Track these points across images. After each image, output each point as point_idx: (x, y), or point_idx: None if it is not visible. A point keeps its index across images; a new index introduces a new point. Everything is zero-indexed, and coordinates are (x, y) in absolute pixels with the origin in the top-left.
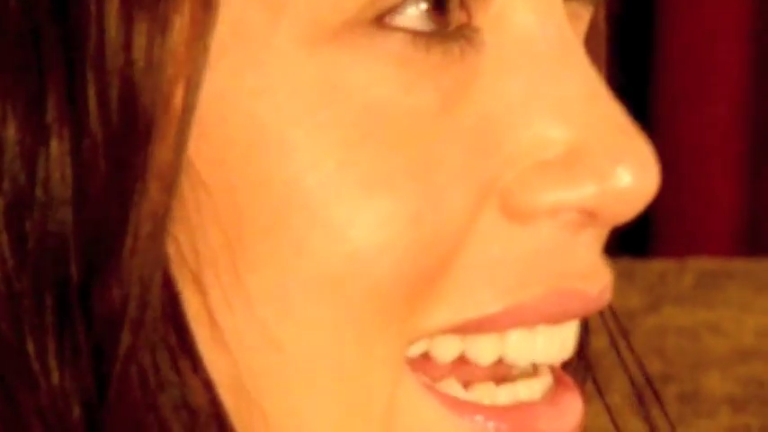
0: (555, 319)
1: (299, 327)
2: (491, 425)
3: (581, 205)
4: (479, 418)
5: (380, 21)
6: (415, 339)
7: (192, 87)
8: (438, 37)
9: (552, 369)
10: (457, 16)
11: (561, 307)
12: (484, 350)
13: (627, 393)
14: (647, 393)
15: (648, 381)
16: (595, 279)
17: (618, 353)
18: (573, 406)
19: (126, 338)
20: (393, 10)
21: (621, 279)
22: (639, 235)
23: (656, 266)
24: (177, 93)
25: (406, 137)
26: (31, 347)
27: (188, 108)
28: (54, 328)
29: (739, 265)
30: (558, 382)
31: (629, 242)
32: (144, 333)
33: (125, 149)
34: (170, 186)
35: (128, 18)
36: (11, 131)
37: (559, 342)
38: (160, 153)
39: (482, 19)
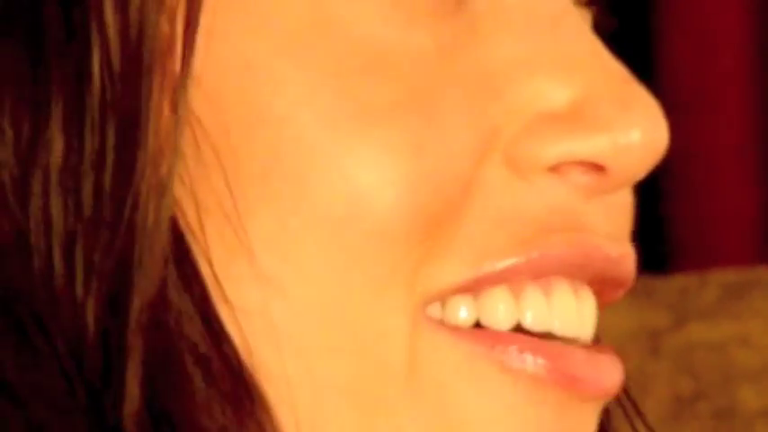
0: (575, 273)
1: (302, 272)
2: (528, 357)
3: (589, 157)
4: (513, 348)
5: None
6: (430, 296)
7: (193, 17)
8: None
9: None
10: None
11: (581, 260)
12: (500, 315)
13: (656, 416)
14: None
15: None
16: (615, 243)
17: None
18: (613, 365)
19: (139, 280)
20: None
21: (643, 298)
22: (658, 252)
23: (677, 282)
24: (177, 23)
25: (404, 74)
26: (39, 291)
27: (189, 38)
28: (64, 268)
29: (763, 273)
30: (596, 348)
31: (647, 260)
32: (154, 276)
33: (128, 83)
34: (176, 120)
35: None
36: (7, 98)
37: (577, 315)
38: (164, 86)
39: None
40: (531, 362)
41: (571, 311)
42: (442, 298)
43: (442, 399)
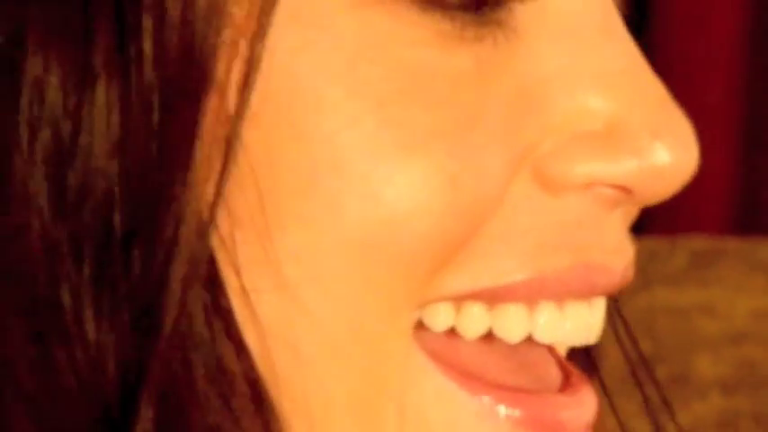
0: (579, 293)
1: (324, 289)
2: (501, 408)
3: (617, 180)
4: (487, 399)
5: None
6: (426, 303)
7: (258, 36)
8: (474, 23)
9: (560, 362)
10: (493, 10)
11: (586, 281)
12: (513, 327)
13: (618, 375)
14: (639, 373)
15: (643, 359)
16: (620, 255)
17: (615, 332)
18: (589, 398)
19: (172, 298)
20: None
21: None
22: None
23: (647, 245)
24: (240, 42)
25: (444, 98)
26: (66, 301)
27: (255, 59)
28: (91, 282)
29: (732, 244)
30: (569, 374)
31: None
32: (190, 294)
33: (180, 99)
34: (228, 143)
35: None
36: (53, 77)
37: (587, 325)
38: (218, 105)
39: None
40: (505, 411)
41: (582, 326)
42: (445, 301)
43: (423, 429)
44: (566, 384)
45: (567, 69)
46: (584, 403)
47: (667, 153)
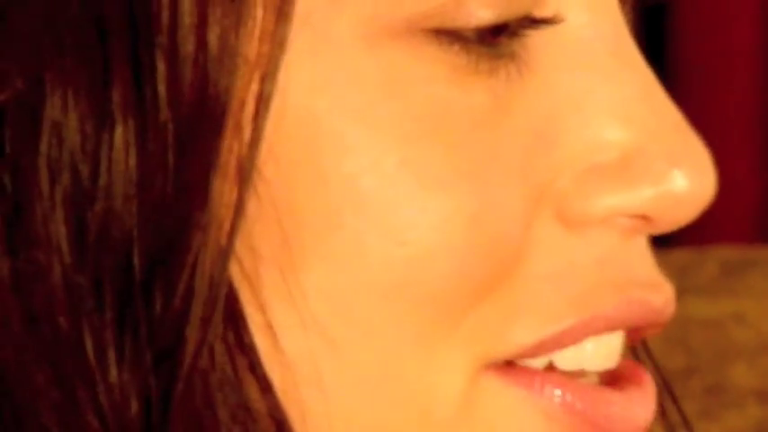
0: (623, 328)
1: (355, 328)
2: (569, 397)
3: (636, 210)
4: (558, 392)
5: (438, 32)
6: (495, 359)
7: (270, 75)
8: (496, 38)
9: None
10: (507, 42)
11: (630, 316)
12: (566, 360)
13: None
14: (669, 389)
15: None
16: (659, 290)
17: (644, 346)
18: (646, 399)
19: (192, 336)
20: (450, 31)
21: None
22: None
23: (676, 257)
24: (253, 81)
25: (463, 136)
26: (88, 343)
27: (265, 97)
28: (113, 324)
29: (763, 252)
30: (628, 376)
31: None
32: (210, 331)
33: (195, 139)
34: (244, 180)
35: (202, 2)
36: (72, 119)
37: (606, 350)
38: (232, 145)
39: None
40: (571, 400)
41: (601, 352)
42: (512, 358)
43: None
44: (621, 381)
45: (581, 101)
46: (642, 403)
47: (685, 180)
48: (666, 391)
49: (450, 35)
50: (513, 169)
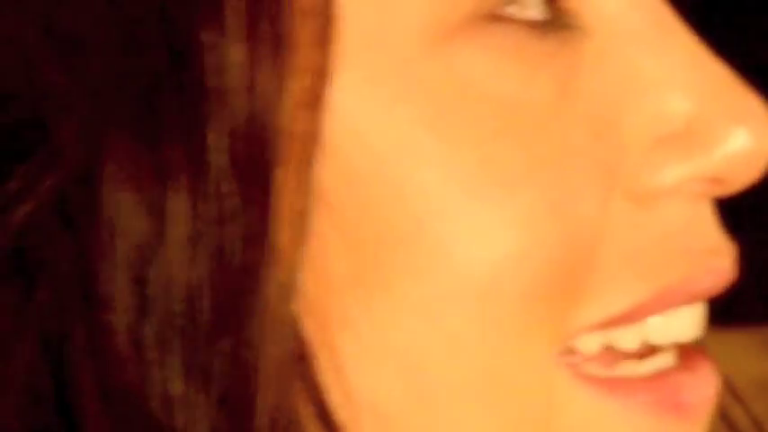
0: (696, 298)
1: (444, 341)
2: (639, 398)
3: (707, 173)
4: (627, 394)
5: (494, 14)
6: (566, 338)
7: (316, 108)
8: (551, 25)
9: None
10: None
11: (700, 286)
12: (628, 338)
13: None
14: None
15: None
16: (725, 254)
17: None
18: (710, 373)
19: (264, 382)
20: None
21: None
22: None
23: None
24: (301, 120)
25: (532, 129)
26: (156, 396)
27: (313, 130)
28: (181, 376)
29: None
30: (687, 352)
31: None
32: (283, 375)
33: (250, 183)
34: (302, 218)
35: (250, 52)
36: (128, 181)
37: (692, 319)
38: (288, 182)
39: (576, 2)
40: (642, 401)
41: (688, 322)
42: (579, 335)
43: None
44: (687, 356)
45: (634, 77)
46: (706, 379)
47: (748, 135)
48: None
49: (505, 19)
50: (584, 154)
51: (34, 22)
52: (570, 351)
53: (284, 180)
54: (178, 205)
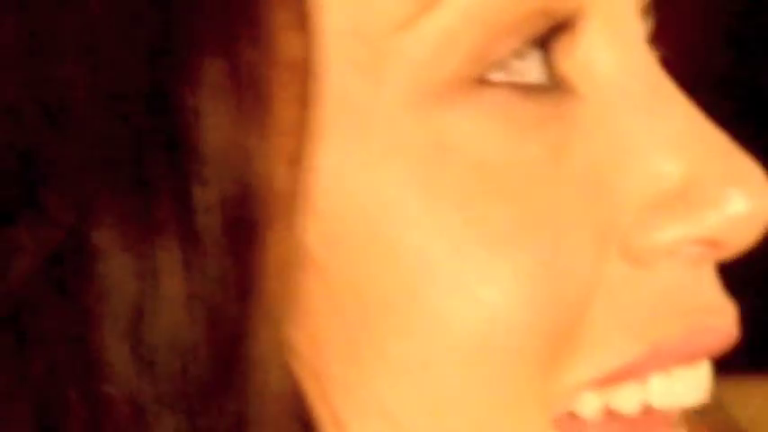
0: (692, 357)
1: (436, 402)
2: None
3: (701, 237)
4: None
5: (485, 79)
6: (561, 398)
7: (299, 166)
8: (545, 89)
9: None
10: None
11: (698, 345)
12: (627, 398)
13: None
14: None
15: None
16: (725, 313)
17: None
18: None
19: None
20: (497, 65)
21: None
22: None
23: None
24: (284, 178)
25: (521, 190)
26: None
27: (297, 188)
28: None
29: None
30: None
31: None
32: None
33: (239, 242)
34: (288, 275)
35: (233, 125)
36: (118, 246)
37: (697, 384)
38: (275, 243)
39: (569, 68)
40: None
41: (692, 386)
42: (571, 394)
43: None
44: None
45: (630, 140)
46: None
47: (742, 198)
48: None
49: (497, 83)
50: (576, 215)
51: (22, 89)
52: (571, 417)
53: (270, 238)
54: (170, 265)
